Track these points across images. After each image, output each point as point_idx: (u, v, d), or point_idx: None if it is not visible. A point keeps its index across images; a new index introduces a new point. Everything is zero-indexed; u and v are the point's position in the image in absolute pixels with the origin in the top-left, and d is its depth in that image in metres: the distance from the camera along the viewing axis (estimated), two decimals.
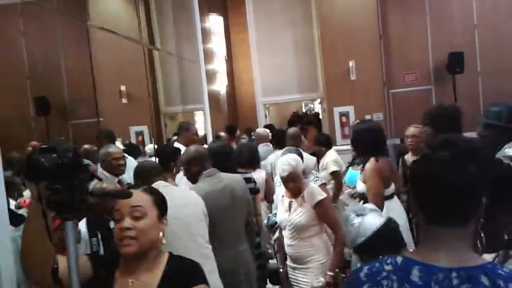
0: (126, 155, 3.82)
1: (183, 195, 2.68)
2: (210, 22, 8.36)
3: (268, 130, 6.30)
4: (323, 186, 3.56)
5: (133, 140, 9.13)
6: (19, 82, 9.10)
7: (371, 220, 2.04)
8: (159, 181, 2.59)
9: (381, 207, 3.10)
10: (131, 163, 4.74)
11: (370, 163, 3.14)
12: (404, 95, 9.07)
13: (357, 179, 3.37)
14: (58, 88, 9.27)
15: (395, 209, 3.16)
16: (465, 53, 8.53)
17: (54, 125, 9.16)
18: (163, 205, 1.73)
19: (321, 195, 3.06)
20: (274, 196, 3.39)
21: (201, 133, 8.08)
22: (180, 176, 3.93)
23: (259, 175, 4.27)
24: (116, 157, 3.57)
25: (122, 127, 8.91)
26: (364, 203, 2.98)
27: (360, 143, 3.30)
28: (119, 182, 3.58)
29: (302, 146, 4.93)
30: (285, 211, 3.14)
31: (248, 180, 3.60)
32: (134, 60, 8.85)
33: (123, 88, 9.08)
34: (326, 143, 5.45)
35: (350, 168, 3.79)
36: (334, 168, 4.92)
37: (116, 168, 3.57)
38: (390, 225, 2.06)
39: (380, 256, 1.18)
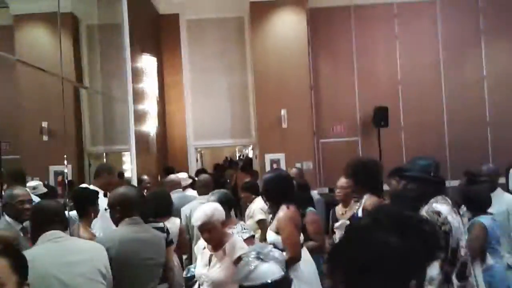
0: (34, 198, 3.41)
1: (76, 250, 2.28)
2: (143, 62, 8.18)
3: (184, 176, 6.07)
4: (250, 239, 3.34)
5: (52, 181, 8.49)
6: None
7: (268, 269, 1.92)
8: (54, 231, 2.24)
9: (299, 257, 2.99)
10: None
11: (283, 211, 3.10)
12: (333, 145, 9.31)
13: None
14: None
15: (305, 258, 3.11)
16: (389, 107, 8.97)
17: None
18: (23, 269, 1.43)
19: (243, 249, 2.84)
20: (195, 248, 3.14)
21: (129, 174, 7.70)
22: (95, 221, 3.64)
23: (173, 224, 4.06)
24: (21, 200, 3.12)
25: (42, 166, 8.29)
26: None
27: (270, 192, 3.27)
28: (23, 229, 3.18)
29: None
30: (204, 265, 2.91)
31: (160, 230, 3.34)
32: (58, 96, 8.37)
33: (44, 124, 8.53)
34: (253, 190, 5.29)
35: None
36: (260, 216, 4.73)
37: (21, 213, 3.11)
38: (283, 283, 1.95)
39: None
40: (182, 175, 6.06)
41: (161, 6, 9.58)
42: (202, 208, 2.88)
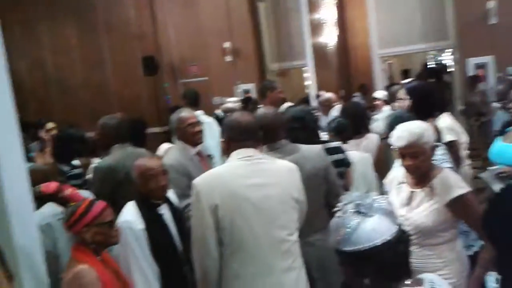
0: (202, 120, 3.28)
1: (266, 171, 2.09)
2: None
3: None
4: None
5: None
6: (128, 41, 9.16)
7: (375, 226, 1.32)
8: (245, 149, 2.09)
9: None
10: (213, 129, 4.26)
11: None
12: None
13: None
14: (166, 47, 9.15)
15: None
16: None
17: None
18: None
19: (461, 187, 2.13)
20: (386, 180, 2.50)
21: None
22: None
23: (369, 141, 3.58)
24: (191, 123, 2.93)
25: (227, 86, 8.54)
26: None
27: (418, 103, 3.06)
28: (199, 153, 3.03)
29: None
30: (402, 205, 2.22)
31: (335, 150, 2.95)
32: (238, 14, 8.31)
33: (227, 45, 8.64)
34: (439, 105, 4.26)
35: (500, 138, 2.74)
36: (450, 137, 3.66)
37: (192, 136, 2.95)
38: (399, 244, 1.33)
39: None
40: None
41: None
42: (407, 125, 2.19)
